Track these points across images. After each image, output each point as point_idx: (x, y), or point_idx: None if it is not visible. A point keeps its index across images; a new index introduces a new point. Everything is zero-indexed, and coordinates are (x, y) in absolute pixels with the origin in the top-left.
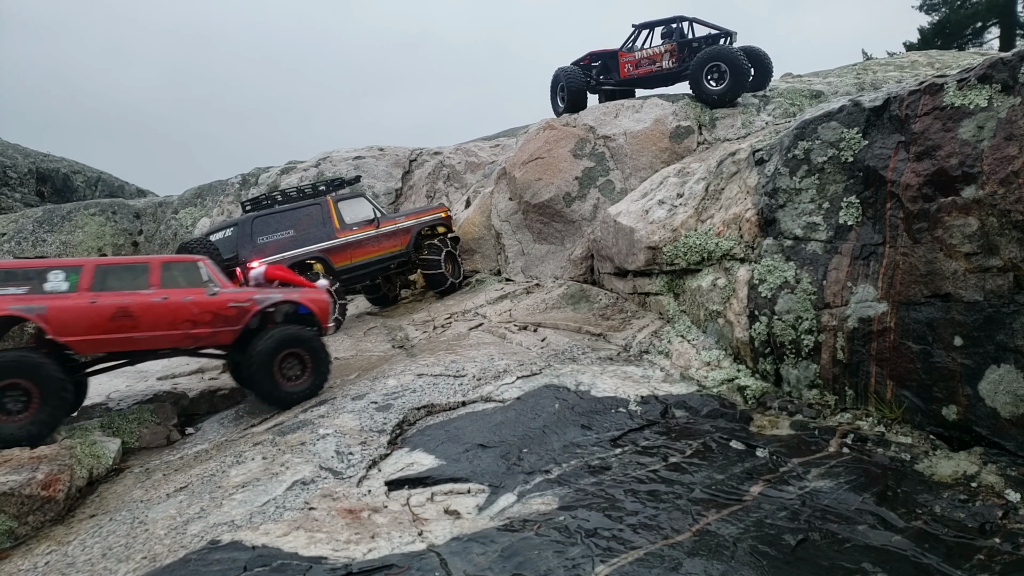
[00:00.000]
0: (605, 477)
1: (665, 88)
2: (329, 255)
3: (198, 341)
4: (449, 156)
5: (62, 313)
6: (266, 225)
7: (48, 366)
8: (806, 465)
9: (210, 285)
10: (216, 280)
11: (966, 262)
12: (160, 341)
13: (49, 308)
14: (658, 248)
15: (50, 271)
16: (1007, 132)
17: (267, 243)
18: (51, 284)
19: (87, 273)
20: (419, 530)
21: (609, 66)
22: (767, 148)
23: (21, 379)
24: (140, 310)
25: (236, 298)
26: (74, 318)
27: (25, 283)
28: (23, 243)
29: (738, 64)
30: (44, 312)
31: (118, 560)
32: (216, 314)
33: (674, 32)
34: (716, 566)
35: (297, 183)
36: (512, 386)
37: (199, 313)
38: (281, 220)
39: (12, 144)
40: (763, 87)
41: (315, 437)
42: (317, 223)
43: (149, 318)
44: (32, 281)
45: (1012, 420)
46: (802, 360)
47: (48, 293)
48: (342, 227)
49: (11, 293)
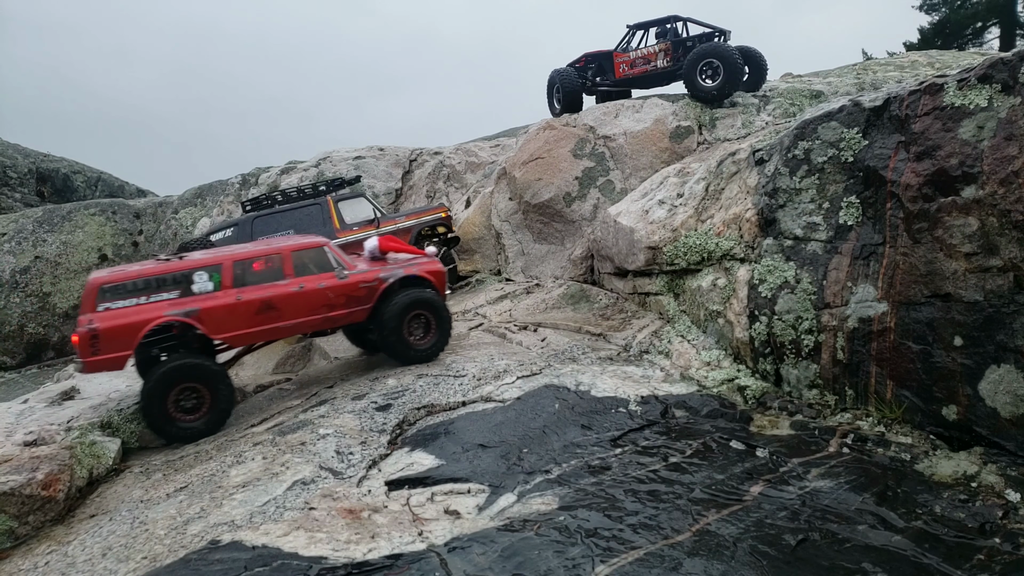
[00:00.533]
0: (605, 477)
1: (661, 88)
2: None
3: (335, 323)
4: (449, 156)
5: (214, 313)
6: (266, 225)
7: (218, 371)
8: (806, 465)
9: (339, 269)
10: (343, 263)
11: (966, 262)
12: (302, 327)
13: (202, 310)
14: (658, 248)
15: (195, 272)
16: (1007, 132)
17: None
18: (198, 285)
19: (227, 270)
20: (419, 530)
21: (604, 67)
22: (767, 148)
23: (196, 383)
24: (282, 301)
25: (365, 278)
26: (225, 316)
27: (175, 287)
28: (23, 243)
29: (731, 61)
30: (198, 314)
31: (118, 560)
32: (349, 296)
33: (668, 32)
34: (716, 566)
35: (297, 183)
36: (512, 386)
37: (334, 297)
38: (281, 220)
39: (12, 144)
40: (758, 87)
41: (315, 437)
42: (317, 223)
43: (291, 307)
44: (180, 284)
45: (1012, 420)
46: (802, 360)
47: (197, 294)
48: (342, 227)
49: (164, 299)
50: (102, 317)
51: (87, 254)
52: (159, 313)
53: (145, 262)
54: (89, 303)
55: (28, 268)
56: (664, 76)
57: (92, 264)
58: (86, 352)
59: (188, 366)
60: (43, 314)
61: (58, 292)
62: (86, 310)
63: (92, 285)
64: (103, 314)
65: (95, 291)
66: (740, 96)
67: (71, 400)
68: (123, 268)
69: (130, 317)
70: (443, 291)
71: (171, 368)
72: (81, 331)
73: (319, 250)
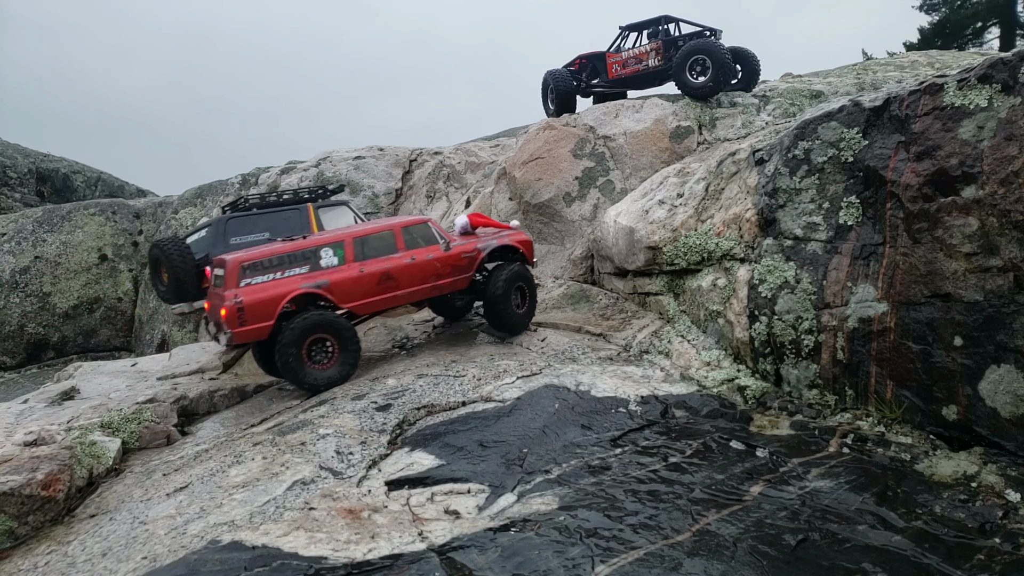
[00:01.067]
0: (605, 477)
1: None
2: None
3: (442, 291)
4: (449, 156)
5: (342, 285)
6: (241, 226)
7: (345, 324)
8: (806, 465)
9: (443, 242)
10: (445, 236)
11: (966, 262)
12: (415, 296)
13: (331, 282)
14: (658, 248)
15: (322, 248)
16: (1007, 132)
17: (240, 244)
18: (325, 260)
19: (349, 246)
20: (419, 530)
21: (598, 68)
22: (767, 148)
23: (326, 334)
24: (398, 272)
25: (466, 249)
26: (351, 287)
27: (305, 262)
28: (23, 243)
29: (721, 57)
30: (328, 286)
31: (118, 560)
32: (454, 265)
33: (660, 32)
34: (716, 566)
35: (297, 183)
36: (512, 386)
37: (441, 267)
38: (257, 222)
39: (12, 144)
40: (751, 87)
41: (315, 437)
42: (295, 228)
43: (406, 278)
44: (310, 260)
45: (1012, 420)
46: (802, 360)
47: (325, 268)
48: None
49: (297, 273)
50: (246, 291)
51: (87, 254)
52: (295, 286)
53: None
54: (232, 280)
55: (28, 268)
56: (656, 75)
57: (92, 264)
58: (234, 323)
59: (320, 319)
60: (43, 314)
61: (58, 292)
62: (229, 286)
63: (233, 263)
64: (246, 289)
65: (237, 269)
66: (740, 96)
67: (71, 400)
68: (259, 248)
69: (270, 291)
70: (531, 259)
71: (305, 320)
72: (229, 305)
73: (424, 225)
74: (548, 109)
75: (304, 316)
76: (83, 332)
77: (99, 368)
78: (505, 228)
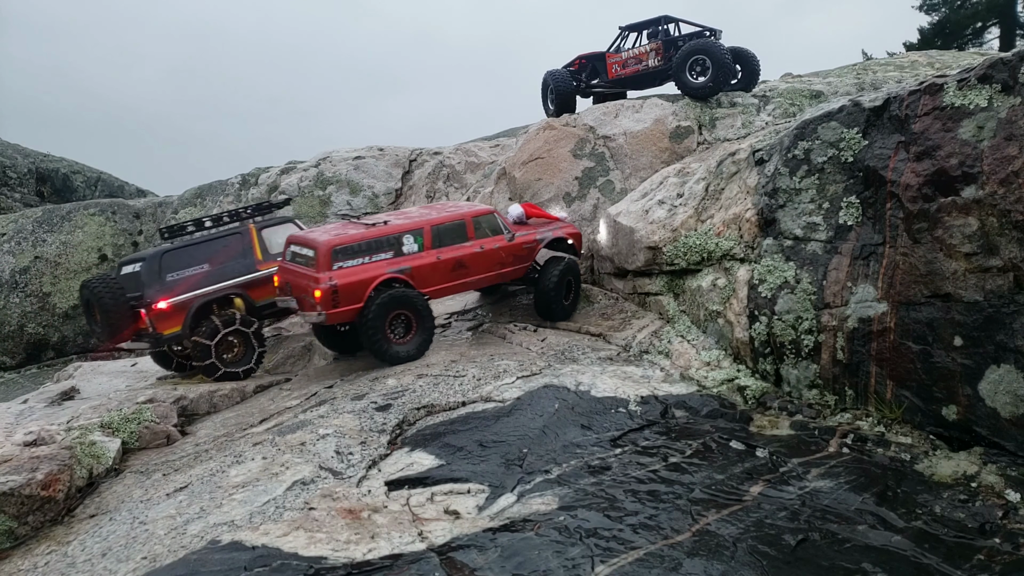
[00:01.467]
0: (605, 477)
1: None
2: (249, 290)
3: (505, 278)
4: (449, 156)
5: (422, 270)
6: (177, 260)
7: (423, 301)
8: (806, 465)
9: (507, 232)
10: (508, 227)
11: (966, 262)
12: (481, 283)
13: (414, 267)
14: (658, 248)
15: (404, 235)
16: (1007, 132)
17: (177, 280)
18: (407, 247)
19: (427, 234)
20: (419, 530)
21: (598, 68)
22: (767, 148)
23: (406, 310)
24: (470, 260)
25: (527, 239)
26: (430, 273)
27: (390, 248)
28: (23, 243)
29: (721, 57)
30: (411, 271)
31: (118, 560)
32: (516, 254)
33: (660, 32)
34: (716, 566)
35: (297, 183)
36: (512, 386)
37: (505, 256)
38: (194, 254)
39: (12, 144)
40: (751, 87)
41: (315, 437)
42: (236, 255)
43: (475, 265)
44: (394, 246)
45: (1012, 420)
46: (802, 360)
47: (407, 255)
48: (265, 258)
49: (383, 259)
50: (339, 275)
51: (87, 254)
52: (383, 270)
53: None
54: (325, 263)
55: (28, 268)
56: (656, 75)
57: (92, 264)
58: (328, 305)
59: (402, 296)
60: (43, 314)
61: (58, 292)
62: (322, 268)
63: (326, 247)
64: (339, 272)
65: (329, 253)
66: (740, 96)
67: (71, 400)
68: (346, 233)
69: (360, 274)
70: (580, 249)
71: (388, 297)
72: (323, 287)
73: (491, 216)
74: (548, 109)
75: (386, 293)
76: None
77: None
78: (555, 220)
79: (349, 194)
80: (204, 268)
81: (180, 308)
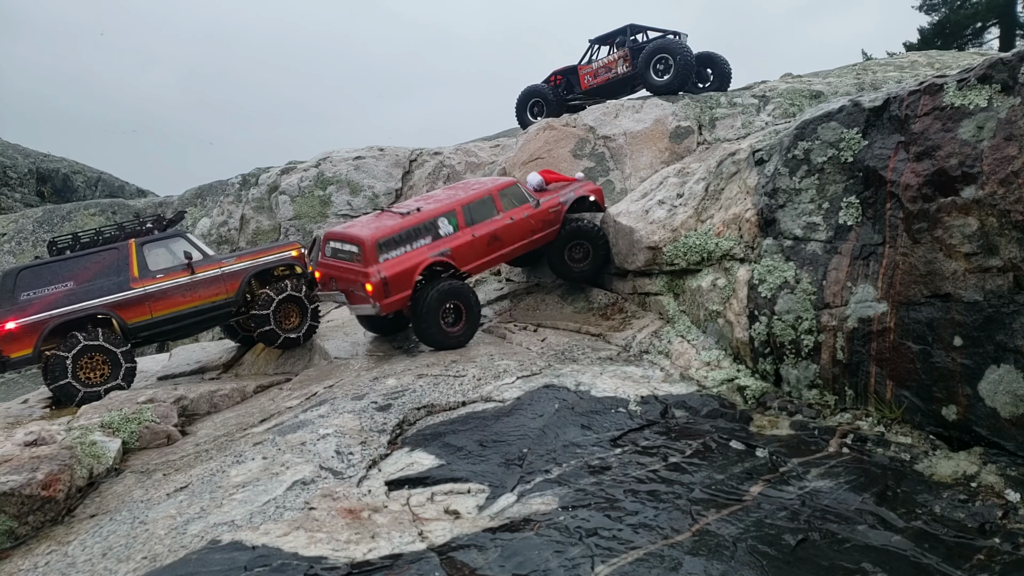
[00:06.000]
0: (605, 477)
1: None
2: (118, 310)
3: (536, 244)
4: (449, 156)
5: (460, 250)
6: (36, 278)
7: (471, 290)
8: (806, 465)
9: (533, 200)
10: (532, 194)
11: (966, 262)
12: (515, 252)
13: (452, 248)
14: (658, 248)
15: (439, 219)
16: (1007, 132)
17: (33, 299)
18: (443, 229)
19: (460, 214)
20: (419, 530)
21: (572, 81)
22: (767, 148)
23: (457, 301)
24: (503, 232)
25: (552, 204)
26: (467, 251)
27: (427, 234)
28: (23, 243)
29: (681, 55)
30: (450, 252)
31: (118, 560)
32: (544, 220)
33: (627, 40)
34: (716, 566)
35: (298, 183)
36: (512, 386)
37: (535, 223)
38: (57, 271)
39: (12, 144)
40: (724, 88)
41: (315, 437)
42: (108, 272)
43: (509, 237)
44: (431, 231)
45: (1012, 420)
46: (802, 360)
47: (444, 237)
48: (142, 275)
49: (423, 244)
50: (386, 266)
51: None
52: (425, 256)
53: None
54: (371, 257)
55: None
56: (626, 81)
57: None
58: (380, 296)
59: (451, 288)
60: None
61: None
62: (370, 262)
63: (371, 241)
64: (385, 264)
65: (374, 246)
66: (740, 96)
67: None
68: (384, 224)
69: (405, 263)
70: (603, 205)
71: (443, 288)
72: (374, 280)
73: (515, 187)
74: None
75: (438, 286)
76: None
77: None
78: (573, 181)
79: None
80: (67, 286)
81: (31, 329)
